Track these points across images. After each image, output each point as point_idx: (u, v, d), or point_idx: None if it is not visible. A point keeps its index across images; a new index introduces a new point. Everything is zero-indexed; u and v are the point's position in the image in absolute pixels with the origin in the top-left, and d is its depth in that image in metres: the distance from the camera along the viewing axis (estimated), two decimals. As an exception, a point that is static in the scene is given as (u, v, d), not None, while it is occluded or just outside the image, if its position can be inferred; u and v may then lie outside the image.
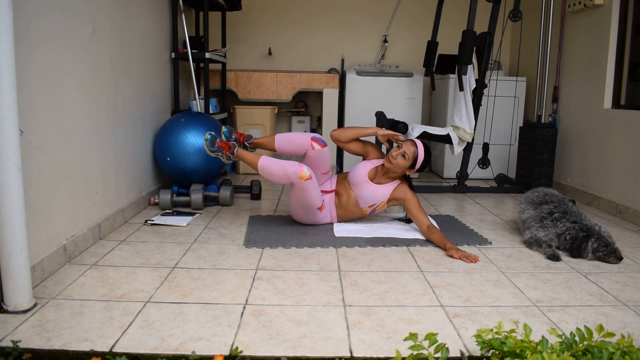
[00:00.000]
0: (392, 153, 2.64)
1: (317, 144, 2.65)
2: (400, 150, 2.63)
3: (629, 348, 1.28)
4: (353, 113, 4.47)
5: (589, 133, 3.66)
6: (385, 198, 2.68)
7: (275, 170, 2.54)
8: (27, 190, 1.72)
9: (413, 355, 1.29)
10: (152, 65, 3.22)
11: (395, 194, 2.67)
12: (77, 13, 2.20)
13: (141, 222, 2.79)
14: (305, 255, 2.32)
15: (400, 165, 2.63)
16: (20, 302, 1.65)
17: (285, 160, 2.56)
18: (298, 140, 2.69)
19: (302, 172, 2.48)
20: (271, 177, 2.58)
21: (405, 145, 2.64)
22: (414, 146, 2.63)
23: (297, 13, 4.93)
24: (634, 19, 3.36)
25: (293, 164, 2.51)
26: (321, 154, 2.67)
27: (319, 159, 2.68)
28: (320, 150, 2.66)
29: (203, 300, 1.79)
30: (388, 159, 2.64)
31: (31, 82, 1.84)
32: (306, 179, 2.49)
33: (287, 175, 2.51)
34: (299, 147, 2.69)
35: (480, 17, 3.68)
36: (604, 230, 2.38)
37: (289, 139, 2.72)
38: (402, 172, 2.68)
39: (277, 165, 2.54)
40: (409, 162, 2.62)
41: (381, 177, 2.71)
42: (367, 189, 2.69)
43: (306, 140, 2.66)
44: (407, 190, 2.67)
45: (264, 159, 2.57)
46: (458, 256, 2.30)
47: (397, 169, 2.64)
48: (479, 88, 3.68)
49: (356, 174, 2.74)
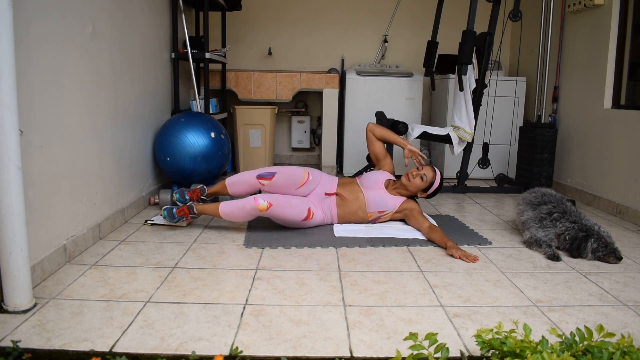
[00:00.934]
0: (412, 172, 2.77)
1: (264, 180, 2.67)
2: (420, 172, 2.76)
3: (629, 348, 1.28)
4: (353, 113, 4.47)
5: (589, 133, 3.66)
6: (395, 209, 2.76)
7: (236, 213, 2.54)
8: (27, 190, 1.72)
9: (413, 355, 1.29)
10: (152, 65, 3.22)
11: (403, 205, 2.76)
12: (77, 13, 2.20)
13: (141, 222, 2.79)
14: (305, 255, 2.32)
15: (416, 186, 2.76)
16: (20, 302, 1.65)
17: (243, 199, 2.53)
18: (247, 181, 2.72)
19: (259, 205, 2.47)
20: (236, 220, 2.59)
21: (426, 168, 2.80)
22: (433, 172, 2.80)
23: (297, 13, 4.93)
24: (634, 19, 3.36)
25: (248, 201, 2.49)
26: (277, 183, 2.67)
27: (280, 186, 2.68)
28: (271, 182, 2.66)
29: (203, 300, 1.79)
30: (407, 175, 2.76)
31: (31, 82, 1.84)
32: (266, 208, 2.48)
33: (248, 213, 2.52)
34: (250, 187, 2.72)
35: (480, 17, 3.68)
36: (603, 230, 2.38)
37: (239, 181, 2.74)
38: (415, 192, 2.80)
39: (235, 207, 2.53)
40: (425, 185, 2.77)
41: (392, 190, 2.81)
42: (380, 194, 2.76)
43: (253, 180, 2.69)
44: (413, 202, 2.80)
45: (223, 206, 2.56)
46: (458, 255, 2.30)
47: (412, 187, 2.76)
48: (479, 88, 3.68)
49: (372, 178, 2.83)
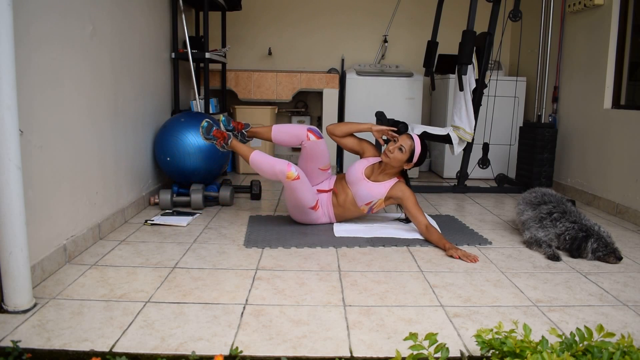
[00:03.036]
0: (389, 147, 2.64)
1: (312, 134, 2.65)
2: (397, 144, 2.62)
3: (629, 348, 1.28)
4: (353, 113, 4.47)
5: (589, 133, 3.66)
6: (383, 196, 2.66)
7: (264, 166, 2.55)
8: (27, 190, 1.72)
9: (413, 355, 1.29)
10: (152, 65, 3.22)
11: (392, 192, 2.65)
12: (77, 13, 2.20)
13: (141, 222, 2.79)
14: (305, 255, 2.32)
15: (398, 159, 2.61)
16: (20, 302, 1.65)
17: (276, 159, 2.56)
18: (294, 130, 2.70)
19: (290, 171, 2.48)
20: (261, 172, 2.60)
21: (402, 139, 2.64)
22: (410, 139, 2.63)
23: (297, 13, 4.93)
24: (634, 19, 3.36)
25: (282, 163, 2.51)
26: (317, 145, 2.66)
27: (315, 151, 2.68)
28: (316, 141, 2.65)
29: (203, 300, 1.79)
30: (385, 153, 2.63)
31: (31, 82, 1.84)
32: (293, 178, 2.49)
33: (274, 173, 2.52)
34: (294, 138, 2.69)
35: (480, 17, 3.68)
36: (603, 230, 2.38)
37: (286, 130, 2.73)
38: (400, 166, 2.66)
39: (267, 161, 2.54)
40: (406, 155, 2.61)
41: (378, 175, 2.70)
42: (363, 186, 2.67)
43: (302, 131, 2.66)
44: (404, 188, 2.65)
45: (255, 154, 2.57)
46: (458, 255, 2.30)
47: (394, 162, 2.62)
48: (479, 88, 3.68)
49: (352, 172, 2.74)
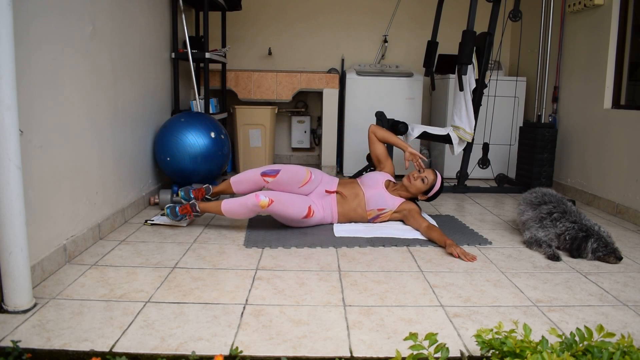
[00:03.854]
0: (413, 174, 2.80)
1: (268, 177, 2.65)
2: (422, 174, 2.80)
3: (629, 348, 1.28)
4: (353, 113, 4.47)
5: (589, 133, 3.66)
6: (394, 208, 2.78)
7: (238, 210, 2.55)
8: (27, 190, 1.72)
9: (413, 355, 1.29)
10: (152, 65, 3.22)
11: (402, 206, 2.79)
12: (77, 13, 2.20)
13: (141, 222, 2.79)
14: (305, 255, 2.32)
15: (417, 188, 2.79)
16: (20, 302, 1.65)
17: (244, 196, 2.55)
18: (251, 178, 2.70)
19: (261, 201, 2.48)
20: (238, 217, 2.60)
21: (427, 172, 2.84)
22: (434, 175, 2.83)
23: (297, 13, 4.93)
24: (634, 19, 3.36)
25: (250, 198, 2.51)
26: (281, 180, 2.65)
27: (284, 183, 2.66)
28: (275, 180, 2.65)
29: (203, 300, 1.79)
30: (408, 177, 2.80)
31: (31, 82, 1.84)
32: (267, 205, 2.49)
33: (250, 210, 2.52)
34: (255, 185, 2.70)
35: (480, 17, 3.68)
36: (603, 230, 2.38)
37: (243, 179, 2.72)
38: (415, 194, 2.84)
39: (237, 204, 2.54)
40: (425, 187, 2.81)
41: (393, 191, 2.84)
42: (379, 193, 2.77)
43: (257, 177, 2.67)
44: (412, 202, 2.82)
45: (225, 204, 2.57)
46: (457, 253, 2.31)
47: (413, 189, 2.80)
48: (479, 88, 3.68)
49: (373, 177, 2.86)
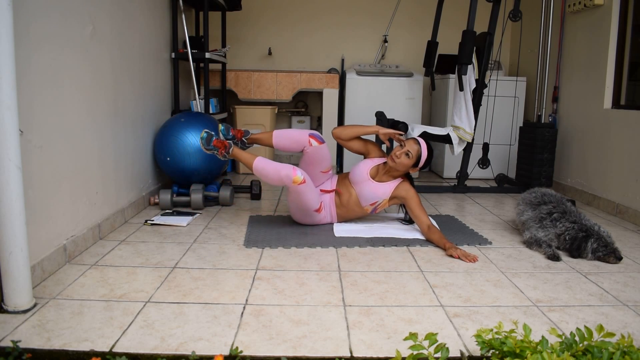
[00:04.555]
0: (395, 152, 2.64)
1: (314, 140, 2.63)
2: (404, 149, 2.62)
3: (629, 348, 1.28)
4: (353, 113, 4.47)
5: (589, 133, 3.66)
6: (387, 196, 2.68)
7: (270, 172, 2.52)
8: (27, 190, 1.72)
9: (413, 355, 1.29)
10: (152, 65, 3.22)
11: (396, 192, 2.67)
12: (77, 13, 2.20)
13: (141, 222, 2.79)
14: (305, 255, 2.32)
15: (404, 164, 2.63)
16: (20, 302, 1.65)
17: (281, 163, 2.54)
18: (296, 136, 2.67)
19: (296, 176, 2.46)
20: (265, 179, 2.57)
21: (408, 143, 2.65)
22: (417, 144, 2.65)
23: (297, 13, 4.93)
24: (634, 19, 3.36)
25: (287, 167, 2.48)
26: (319, 150, 2.65)
27: (317, 156, 2.66)
28: (318, 147, 2.64)
29: (203, 300, 1.79)
30: (391, 157, 2.63)
31: (31, 82, 1.84)
32: (299, 183, 2.47)
33: (280, 178, 2.50)
34: (296, 144, 2.67)
35: (480, 17, 3.68)
36: (603, 230, 2.38)
37: (287, 136, 2.70)
38: (405, 170, 2.68)
39: (271, 167, 2.52)
40: (413, 160, 2.63)
41: (382, 176, 2.71)
42: (368, 187, 2.68)
43: (304, 137, 2.64)
44: (408, 188, 2.67)
45: (259, 160, 2.55)
46: (457, 255, 2.30)
47: (400, 167, 2.64)
48: (479, 88, 3.68)
49: (357, 172, 2.73)
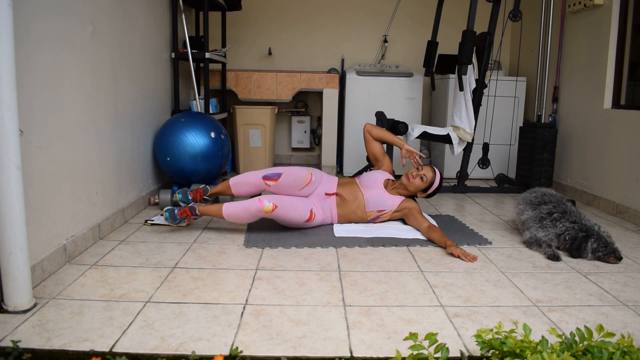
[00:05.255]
0: (411, 172, 2.77)
1: (270, 180, 2.63)
2: (420, 172, 2.77)
3: (629, 348, 1.28)
4: (353, 113, 4.47)
5: (589, 133, 3.66)
6: (394, 208, 2.76)
7: (240, 213, 2.51)
8: (27, 190, 1.72)
9: (413, 355, 1.29)
10: (152, 65, 3.22)
11: (403, 204, 2.77)
12: (77, 13, 2.20)
13: (141, 222, 2.79)
14: (305, 255, 2.32)
15: (416, 186, 2.76)
16: (20, 302, 1.65)
17: (247, 200, 2.51)
18: (252, 182, 2.67)
19: (265, 206, 2.44)
20: (240, 221, 2.57)
21: (426, 169, 2.80)
22: (432, 172, 2.80)
23: (297, 13, 4.93)
24: (634, 19, 3.36)
25: (253, 202, 2.46)
26: (282, 184, 2.63)
27: (285, 186, 2.64)
28: (277, 183, 2.63)
29: (203, 300, 1.79)
30: (407, 176, 2.76)
31: (31, 82, 1.84)
32: (272, 210, 2.46)
33: (253, 215, 2.49)
34: (255, 188, 2.68)
35: (480, 17, 3.68)
36: (603, 230, 2.38)
37: (243, 183, 2.69)
38: (414, 192, 2.81)
39: (240, 208, 2.50)
40: (425, 185, 2.78)
41: (391, 190, 2.81)
42: (379, 194, 2.75)
43: (259, 181, 2.65)
44: (412, 201, 2.80)
45: (226, 207, 2.53)
46: (457, 253, 2.31)
47: (411, 188, 2.77)
48: (479, 88, 3.68)
49: (371, 178, 2.82)
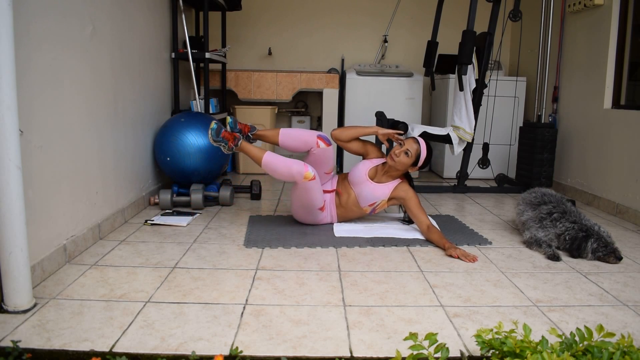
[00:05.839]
0: (394, 151, 2.64)
1: (322, 142, 2.64)
2: (403, 148, 2.63)
3: (629, 348, 1.28)
4: (353, 113, 4.47)
5: (589, 133, 3.66)
6: (386, 197, 2.68)
7: (280, 168, 2.51)
8: (27, 190, 1.72)
9: (413, 355, 1.29)
10: (152, 65, 3.22)
11: (395, 192, 2.67)
12: (77, 13, 2.20)
13: (141, 222, 2.79)
14: (305, 255, 2.32)
15: (403, 163, 2.63)
16: (20, 302, 1.65)
17: (290, 159, 2.53)
18: (303, 137, 2.67)
19: (307, 172, 2.47)
20: (274, 174, 2.56)
21: (408, 142, 2.65)
22: (416, 143, 2.65)
23: (297, 13, 4.93)
24: (634, 19, 3.36)
25: (298, 164, 2.49)
26: (325, 152, 2.66)
27: (323, 157, 2.67)
28: (325, 148, 2.65)
29: (203, 300, 1.79)
30: (391, 156, 2.64)
31: (31, 82, 1.84)
32: (310, 179, 2.48)
33: (291, 174, 2.49)
34: (303, 144, 2.66)
35: (480, 17, 3.68)
36: (603, 230, 2.38)
37: (294, 135, 2.69)
38: (405, 169, 2.68)
39: (282, 162, 2.51)
40: (412, 159, 2.64)
41: (382, 176, 2.71)
42: (367, 188, 2.68)
43: (312, 138, 2.64)
44: (407, 189, 2.68)
45: (268, 155, 2.54)
46: (457, 255, 2.30)
47: (399, 166, 2.64)
48: (479, 88, 3.68)
49: (356, 173, 2.73)
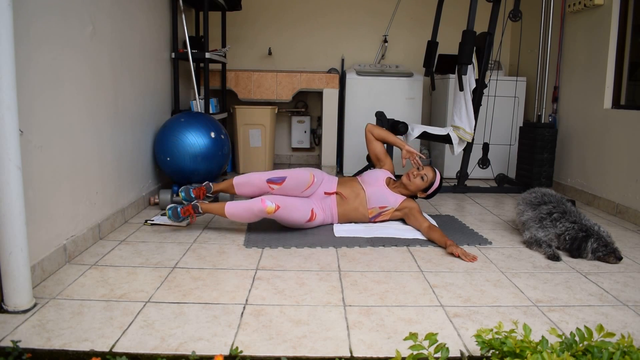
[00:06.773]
0: (412, 171, 2.80)
1: (274, 184, 2.60)
2: (421, 172, 2.80)
3: (629, 348, 1.28)
4: (353, 113, 4.47)
5: (589, 133, 3.66)
6: (396, 205, 2.77)
7: (243, 213, 2.50)
8: (27, 190, 1.72)
9: (413, 355, 1.29)
10: (152, 65, 3.22)
11: (404, 203, 2.78)
12: (77, 13, 2.20)
13: (141, 222, 2.79)
14: (305, 255, 2.32)
15: (417, 185, 2.79)
16: (20, 302, 1.65)
17: (249, 201, 2.50)
18: (256, 183, 2.64)
19: (267, 207, 2.43)
20: (242, 220, 2.56)
21: (426, 169, 2.83)
22: (433, 172, 2.83)
23: (297, 13, 4.93)
24: (634, 19, 3.36)
25: (256, 202, 2.46)
26: (286, 187, 2.61)
27: (289, 189, 2.62)
28: (281, 187, 2.60)
29: (203, 300, 1.79)
30: (408, 176, 2.79)
31: (31, 82, 1.84)
32: (274, 211, 2.45)
33: (255, 214, 2.48)
34: (258, 190, 2.65)
35: (480, 17, 3.68)
36: (603, 230, 2.38)
37: (247, 182, 2.66)
38: (414, 192, 2.83)
39: (242, 207, 2.50)
40: (425, 185, 2.81)
41: (393, 189, 2.83)
42: (381, 190, 2.77)
43: (263, 184, 2.62)
44: (413, 201, 2.81)
45: (229, 206, 2.52)
46: (457, 253, 2.31)
47: (412, 187, 2.80)
48: (479, 88, 3.68)
49: (373, 176, 2.85)
